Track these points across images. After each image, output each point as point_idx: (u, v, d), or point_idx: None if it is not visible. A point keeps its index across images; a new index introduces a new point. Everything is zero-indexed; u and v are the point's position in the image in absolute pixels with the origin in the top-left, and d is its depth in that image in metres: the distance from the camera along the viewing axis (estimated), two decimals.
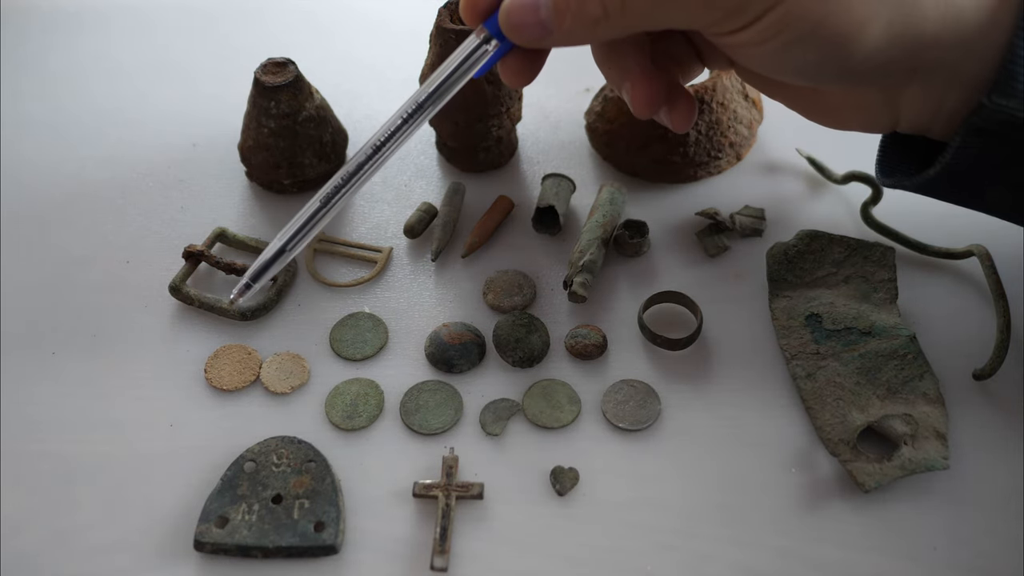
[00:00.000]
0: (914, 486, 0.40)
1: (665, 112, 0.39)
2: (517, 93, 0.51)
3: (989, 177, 0.37)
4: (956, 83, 0.35)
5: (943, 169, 0.36)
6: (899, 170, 0.39)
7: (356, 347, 0.46)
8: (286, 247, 0.37)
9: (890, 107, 0.37)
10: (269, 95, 0.49)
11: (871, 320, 0.44)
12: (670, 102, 0.39)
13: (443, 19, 0.48)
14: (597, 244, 0.47)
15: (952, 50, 0.33)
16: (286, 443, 0.41)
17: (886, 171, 0.40)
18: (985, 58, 0.34)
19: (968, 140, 0.35)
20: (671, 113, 0.39)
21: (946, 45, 0.33)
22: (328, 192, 0.36)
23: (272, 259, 0.37)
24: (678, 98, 0.39)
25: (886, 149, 0.40)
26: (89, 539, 0.39)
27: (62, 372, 0.45)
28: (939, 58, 0.34)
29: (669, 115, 0.39)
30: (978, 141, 0.35)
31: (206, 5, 0.67)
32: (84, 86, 0.61)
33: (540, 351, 0.45)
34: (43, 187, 0.54)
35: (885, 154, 0.40)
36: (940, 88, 0.35)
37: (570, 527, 0.39)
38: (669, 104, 0.39)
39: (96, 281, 0.49)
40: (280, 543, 0.38)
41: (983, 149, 0.35)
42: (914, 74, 0.35)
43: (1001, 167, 0.36)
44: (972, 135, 0.35)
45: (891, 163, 0.40)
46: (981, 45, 0.33)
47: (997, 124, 0.34)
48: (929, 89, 0.36)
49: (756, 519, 0.39)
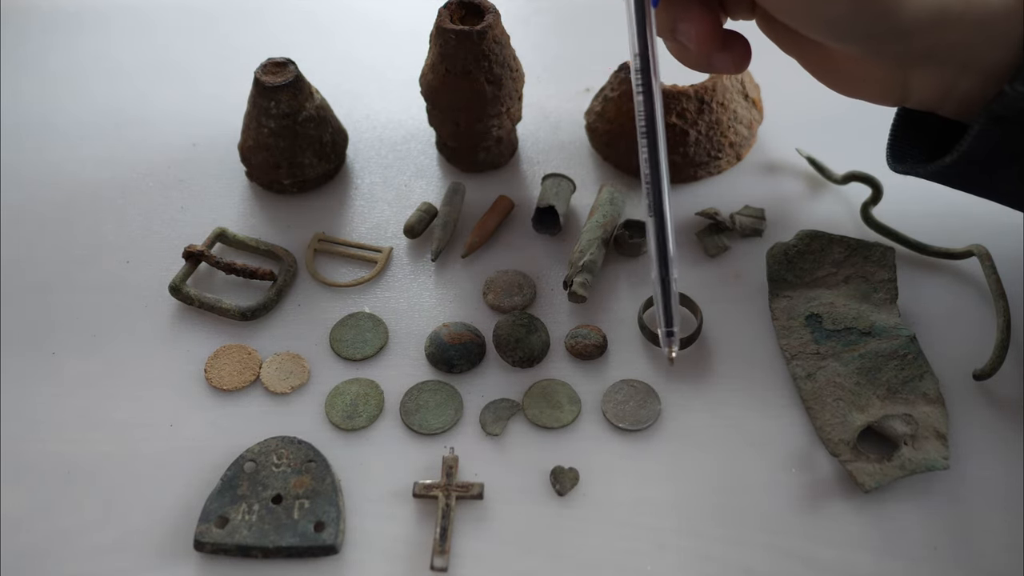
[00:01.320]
0: (914, 486, 0.40)
1: (721, 56, 0.38)
2: (517, 93, 0.51)
3: (1005, 166, 0.37)
4: (970, 69, 0.35)
5: (960, 157, 0.36)
6: (911, 155, 0.39)
7: (356, 347, 0.46)
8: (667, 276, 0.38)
9: (900, 83, 0.37)
10: (269, 95, 0.49)
11: (871, 320, 0.44)
12: (725, 44, 0.38)
13: (443, 19, 0.47)
14: (597, 244, 0.47)
15: (972, 32, 0.33)
16: (286, 443, 0.41)
17: (897, 156, 0.39)
18: (1004, 44, 0.33)
19: (988, 127, 0.35)
20: (731, 53, 0.38)
21: (968, 24, 0.33)
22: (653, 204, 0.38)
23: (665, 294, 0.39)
24: (731, 39, 0.38)
25: (897, 134, 0.40)
26: (89, 539, 0.39)
27: (62, 372, 0.45)
28: (957, 40, 0.34)
29: (728, 56, 0.38)
30: (998, 129, 0.35)
31: (206, 5, 0.67)
32: (84, 86, 0.61)
33: (540, 351, 0.45)
34: (43, 187, 0.54)
35: (896, 139, 0.40)
36: (952, 72, 0.35)
37: (570, 527, 0.39)
38: (726, 46, 0.38)
39: (96, 281, 0.49)
40: (280, 543, 0.38)
41: (1002, 137, 0.35)
42: (930, 55, 0.34)
43: (1019, 156, 0.36)
44: (992, 123, 0.34)
45: (903, 148, 0.39)
46: (1002, 30, 0.33)
47: (1018, 112, 0.34)
48: (941, 71, 0.35)
49: (756, 519, 0.39)
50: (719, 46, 0.37)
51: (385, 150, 0.56)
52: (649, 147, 0.37)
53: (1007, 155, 0.36)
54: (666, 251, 0.38)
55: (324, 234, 0.51)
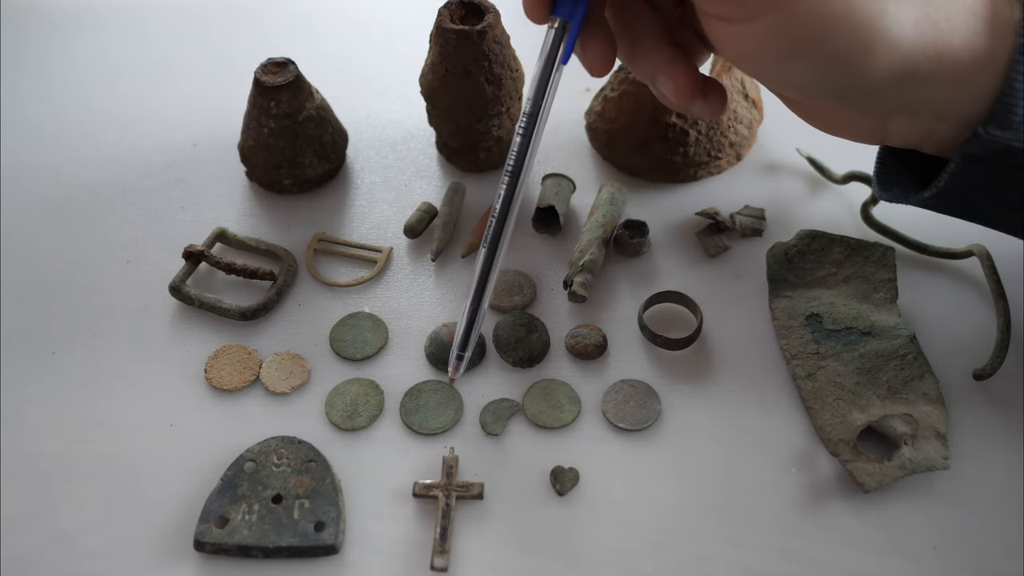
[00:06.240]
0: (914, 486, 0.40)
1: (699, 104, 0.39)
2: (517, 93, 0.51)
3: (984, 198, 0.38)
4: (945, 119, 0.35)
5: (938, 192, 0.37)
6: (897, 184, 0.40)
7: (356, 347, 0.46)
8: (478, 306, 0.40)
9: (880, 128, 0.38)
10: (269, 95, 0.49)
11: (871, 320, 0.44)
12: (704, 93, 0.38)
13: (443, 19, 0.48)
14: (597, 244, 0.47)
15: (944, 90, 0.34)
16: (286, 443, 0.41)
17: (884, 184, 0.40)
18: (975, 94, 0.34)
19: (963, 166, 0.35)
20: (707, 101, 0.39)
21: (939, 83, 0.33)
22: (490, 237, 0.39)
23: (469, 322, 0.40)
24: (708, 86, 0.39)
25: (883, 162, 0.40)
26: (89, 539, 0.39)
27: (62, 372, 0.45)
28: (929, 97, 0.34)
29: (705, 104, 0.39)
30: (973, 167, 0.35)
31: (206, 5, 0.67)
32: (84, 86, 0.61)
33: (540, 351, 0.45)
34: (43, 188, 0.54)
35: (883, 167, 0.40)
36: (928, 121, 0.36)
37: (570, 527, 0.39)
38: (704, 94, 0.38)
39: (96, 281, 0.49)
40: (280, 543, 0.38)
41: (978, 174, 0.35)
42: (903, 109, 0.35)
43: (996, 189, 0.37)
44: (967, 161, 0.35)
45: (889, 177, 0.40)
46: (973, 84, 0.33)
47: (991, 152, 0.34)
48: (917, 121, 0.36)
49: (756, 519, 0.39)
50: (697, 96, 0.38)
51: (385, 150, 0.56)
52: (508, 187, 0.39)
53: (984, 189, 0.37)
54: (486, 284, 0.40)
55: (324, 234, 0.51)
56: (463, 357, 0.40)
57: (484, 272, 0.40)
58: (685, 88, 0.37)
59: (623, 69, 0.53)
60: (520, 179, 0.39)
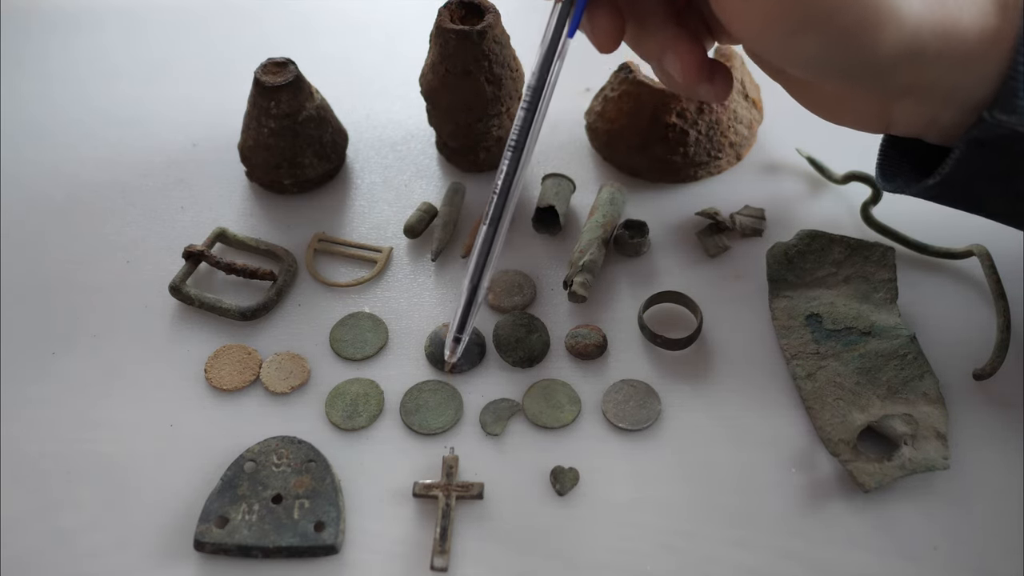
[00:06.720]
0: (914, 486, 0.40)
1: (705, 87, 0.39)
2: (517, 93, 0.51)
3: (988, 186, 0.37)
4: (951, 103, 0.35)
5: (942, 179, 0.37)
6: (900, 175, 0.40)
7: (356, 347, 0.46)
8: (477, 285, 0.39)
9: (884, 113, 0.38)
10: (269, 95, 0.49)
11: (871, 320, 0.44)
12: (710, 75, 0.38)
13: (443, 19, 0.47)
14: (597, 244, 0.47)
15: (951, 71, 0.33)
16: (286, 443, 0.41)
17: (887, 175, 0.40)
18: (982, 76, 0.34)
19: (968, 152, 0.35)
20: (712, 84, 0.38)
21: (946, 64, 0.33)
22: (491, 214, 0.39)
23: (468, 302, 0.39)
24: (715, 68, 0.38)
25: (886, 152, 0.40)
26: (89, 539, 0.39)
27: (62, 372, 0.45)
28: (936, 78, 0.34)
29: (711, 87, 0.39)
30: (978, 153, 0.35)
31: (206, 5, 0.67)
32: (84, 86, 0.61)
33: (540, 351, 0.45)
34: (43, 187, 0.54)
35: (885, 157, 0.40)
36: (934, 105, 0.35)
37: (570, 527, 0.39)
38: (710, 77, 0.38)
39: (96, 281, 0.49)
40: (280, 543, 0.38)
41: (983, 161, 0.35)
42: (910, 91, 0.35)
43: (1000, 177, 0.37)
44: (972, 147, 0.35)
45: (891, 167, 0.40)
46: (980, 67, 0.33)
47: (997, 137, 0.34)
48: (923, 105, 0.36)
49: (756, 519, 0.39)
50: (704, 77, 0.38)
51: (385, 150, 0.56)
52: (511, 162, 0.39)
53: (988, 177, 0.36)
54: (487, 261, 0.39)
55: (324, 234, 0.51)
56: (460, 340, 0.40)
57: (484, 250, 0.39)
58: (692, 66, 0.37)
59: (623, 70, 0.53)
60: (523, 154, 0.38)
